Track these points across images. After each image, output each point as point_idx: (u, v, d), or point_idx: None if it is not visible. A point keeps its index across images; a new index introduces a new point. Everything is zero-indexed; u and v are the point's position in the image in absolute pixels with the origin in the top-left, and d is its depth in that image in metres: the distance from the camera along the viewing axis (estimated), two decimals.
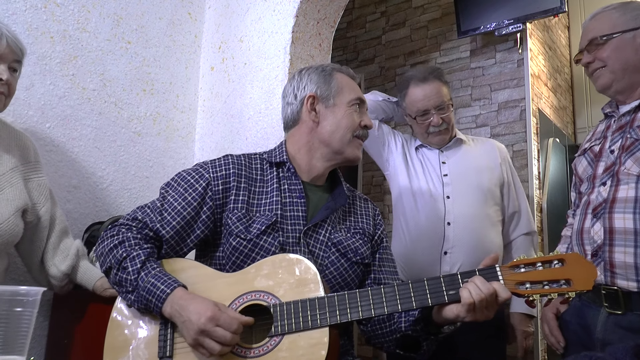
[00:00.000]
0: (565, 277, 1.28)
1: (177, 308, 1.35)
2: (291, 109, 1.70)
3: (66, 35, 2.41)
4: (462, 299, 1.30)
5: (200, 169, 1.60)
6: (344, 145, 1.64)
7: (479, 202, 2.37)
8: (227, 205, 1.56)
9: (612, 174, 1.69)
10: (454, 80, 4.13)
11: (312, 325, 1.34)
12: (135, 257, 1.43)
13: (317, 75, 1.69)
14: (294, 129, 1.70)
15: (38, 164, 1.99)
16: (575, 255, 1.31)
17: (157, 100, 2.83)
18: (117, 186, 2.59)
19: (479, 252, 2.30)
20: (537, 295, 1.29)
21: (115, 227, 1.52)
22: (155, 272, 1.41)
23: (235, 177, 1.58)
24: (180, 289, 1.38)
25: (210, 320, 1.30)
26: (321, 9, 2.77)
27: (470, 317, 1.31)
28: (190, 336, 1.33)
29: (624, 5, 1.78)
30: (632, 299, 1.58)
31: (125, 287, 1.43)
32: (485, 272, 1.34)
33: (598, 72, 1.78)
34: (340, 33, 4.71)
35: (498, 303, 1.30)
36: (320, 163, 1.66)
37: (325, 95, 1.66)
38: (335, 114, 1.64)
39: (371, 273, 1.69)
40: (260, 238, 1.52)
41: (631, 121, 1.72)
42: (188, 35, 3.04)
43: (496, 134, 3.82)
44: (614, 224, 1.63)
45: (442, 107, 2.38)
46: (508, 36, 3.84)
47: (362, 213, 1.75)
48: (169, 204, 1.54)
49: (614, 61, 1.73)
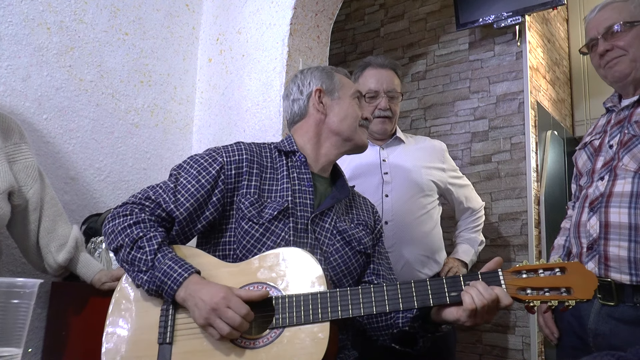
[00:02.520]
0: (566, 285, 1.30)
1: (190, 292, 1.36)
2: (298, 104, 1.76)
3: (63, 26, 2.40)
4: (464, 304, 1.31)
5: (213, 153, 1.62)
6: (353, 132, 1.71)
7: (418, 200, 2.41)
8: (239, 190, 1.58)
9: (610, 169, 1.70)
10: (453, 72, 4.11)
11: (313, 319, 1.35)
12: (152, 237, 1.44)
13: (319, 72, 1.77)
14: (301, 122, 1.75)
15: (24, 144, 1.95)
16: (577, 264, 1.32)
17: (155, 92, 2.83)
18: (115, 178, 2.59)
19: (419, 249, 2.37)
20: (537, 301, 1.31)
21: (127, 206, 1.52)
22: (172, 256, 1.42)
23: (248, 162, 1.61)
24: (195, 275, 1.40)
25: (223, 299, 1.32)
26: (320, 1, 2.77)
27: (471, 321, 1.33)
28: (201, 315, 1.33)
29: None
30: (625, 291, 1.60)
31: (138, 267, 1.43)
32: (488, 277, 1.35)
33: (617, 60, 1.75)
34: (339, 25, 4.69)
35: (499, 308, 1.32)
36: (330, 151, 1.73)
37: (330, 89, 1.74)
38: (341, 105, 1.73)
39: (371, 264, 1.73)
40: (272, 223, 1.55)
41: (629, 116, 1.72)
42: (186, 26, 3.03)
43: (494, 126, 3.82)
44: (610, 218, 1.65)
45: (393, 94, 2.42)
46: (507, 29, 3.82)
47: (362, 207, 1.81)
48: (182, 186, 1.55)
49: (637, 49, 1.72)
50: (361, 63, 2.53)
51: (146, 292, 1.44)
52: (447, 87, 4.12)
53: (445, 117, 4.09)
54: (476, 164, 3.86)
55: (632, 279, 1.58)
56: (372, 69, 2.45)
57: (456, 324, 1.38)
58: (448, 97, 4.11)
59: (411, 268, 2.33)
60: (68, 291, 2.17)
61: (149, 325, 1.43)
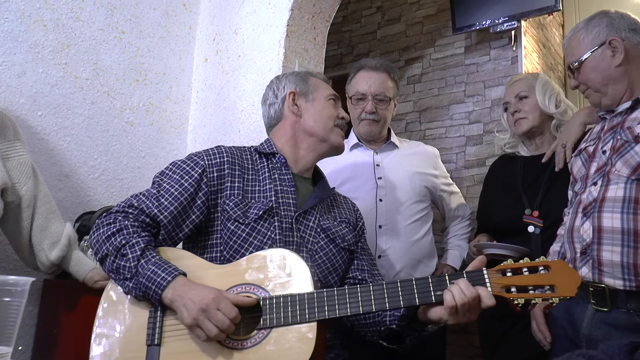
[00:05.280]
0: (550, 283, 1.32)
1: (179, 293, 1.37)
2: (273, 108, 1.80)
3: (59, 23, 2.40)
4: (445, 301, 1.33)
5: (194, 157, 1.64)
6: (327, 133, 1.75)
7: (411, 205, 2.42)
8: (222, 192, 1.60)
9: (603, 174, 1.72)
10: (448, 76, 4.13)
11: (300, 319, 1.36)
12: (134, 244, 1.44)
13: (293, 77, 1.83)
14: (278, 125, 1.79)
15: (18, 142, 1.95)
16: (560, 262, 1.35)
17: (151, 90, 2.83)
18: (109, 176, 2.59)
19: (411, 254, 2.38)
20: (522, 299, 1.32)
21: (110, 215, 1.53)
22: (156, 260, 1.42)
23: (229, 164, 1.63)
24: (181, 277, 1.40)
25: (213, 301, 1.33)
26: (317, 3, 2.77)
27: (453, 319, 1.34)
28: (190, 316, 1.34)
29: (587, 23, 1.83)
30: (618, 296, 1.61)
31: (123, 275, 1.43)
32: (473, 275, 1.36)
33: (586, 92, 1.85)
34: (336, 27, 4.69)
35: (481, 308, 1.33)
36: (307, 153, 1.76)
37: (304, 91, 1.79)
38: (315, 106, 1.77)
39: (355, 260, 1.76)
40: (258, 222, 1.57)
41: (622, 122, 1.74)
42: (182, 26, 3.03)
43: (489, 130, 3.83)
44: (603, 222, 1.65)
45: (382, 98, 2.42)
46: (503, 33, 3.83)
47: (344, 206, 1.85)
48: (165, 190, 1.56)
49: (594, 81, 1.80)
50: (356, 65, 2.54)
51: (134, 298, 1.45)
52: (442, 90, 4.13)
53: (440, 121, 4.10)
54: (470, 167, 3.87)
55: (625, 284, 1.59)
56: (365, 71, 2.46)
57: (440, 322, 1.40)
58: (443, 100, 4.12)
59: (404, 273, 2.34)
60: (60, 289, 2.17)
61: (137, 327, 1.43)
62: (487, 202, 2.54)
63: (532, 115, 2.35)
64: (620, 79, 1.76)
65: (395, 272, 2.32)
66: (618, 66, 1.75)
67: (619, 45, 1.75)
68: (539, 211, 2.24)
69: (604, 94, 1.79)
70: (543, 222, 2.21)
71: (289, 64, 2.67)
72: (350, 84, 2.49)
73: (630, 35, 1.77)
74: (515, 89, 2.44)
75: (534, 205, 2.26)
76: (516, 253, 2.13)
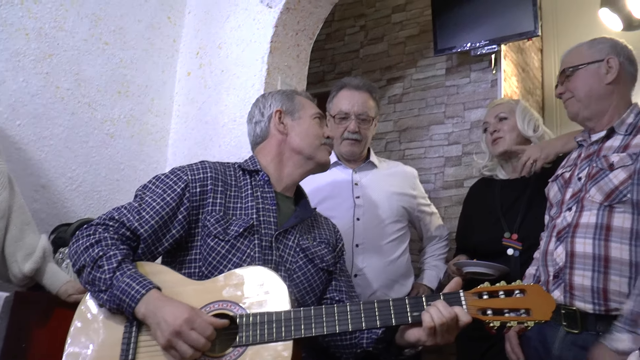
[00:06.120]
0: (525, 306, 1.34)
1: (152, 308, 1.35)
2: (259, 126, 1.81)
3: (42, 32, 2.38)
4: (423, 322, 1.33)
5: (178, 172, 1.63)
6: (314, 151, 1.76)
7: (388, 225, 2.44)
8: (204, 208, 1.60)
9: (577, 200, 1.77)
10: (429, 97, 4.16)
11: (276, 337, 1.36)
12: (111, 256, 1.43)
13: (279, 95, 1.84)
14: (263, 143, 1.80)
15: None
16: (536, 286, 1.37)
17: (132, 102, 2.81)
18: (87, 188, 2.56)
19: (388, 274, 2.39)
20: (497, 322, 1.33)
21: (91, 227, 1.52)
22: (131, 273, 1.41)
23: (213, 180, 1.63)
24: (155, 291, 1.39)
25: (186, 322, 1.32)
26: (301, 21, 2.79)
27: (431, 341, 1.35)
28: (164, 337, 1.33)
29: (594, 40, 1.91)
30: (588, 319, 1.66)
31: (98, 286, 1.42)
32: (449, 297, 1.38)
33: (568, 101, 1.89)
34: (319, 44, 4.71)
35: (459, 327, 1.33)
36: (294, 171, 1.76)
37: (290, 109, 1.80)
38: (302, 125, 1.78)
39: (333, 281, 1.76)
40: (238, 240, 1.57)
41: (598, 150, 1.80)
42: (166, 39, 3.03)
43: (467, 152, 3.86)
44: (575, 248, 1.70)
45: (364, 117, 2.43)
46: (483, 56, 3.88)
47: (324, 227, 1.85)
48: (147, 204, 1.55)
49: (580, 90, 1.85)
50: (338, 83, 2.55)
51: (109, 310, 1.44)
52: (422, 111, 4.17)
53: (420, 141, 4.12)
54: (448, 188, 3.89)
55: (595, 308, 1.63)
56: (347, 90, 2.47)
57: (418, 344, 1.40)
58: (423, 121, 4.15)
59: (380, 292, 2.34)
60: (32, 302, 2.12)
61: (112, 342, 1.42)
62: (467, 224, 2.57)
63: (510, 135, 2.40)
64: (606, 98, 1.82)
65: (371, 291, 2.33)
66: (608, 84, 1.81)
67: (614, 65, 1.81)
68: (518, 234, 2.28)
69: (586, 106, 1.84)
70: (522, 244, 2.25)
71: (272, 80, 2.68)
72: (333, 102, 2.50)
73: (626, 62, 1.84)
74: (496, 110, 2.50)
75: (512, 228, 2.30)
76: (496, 271, 2.16)
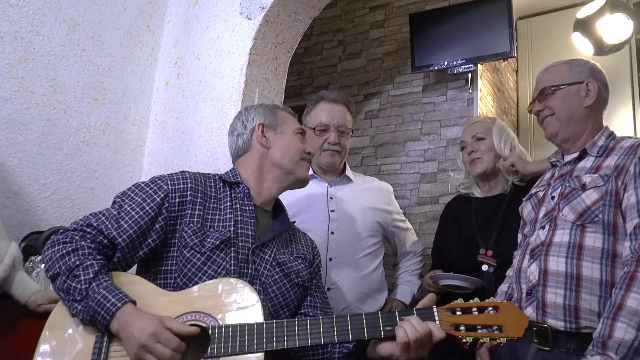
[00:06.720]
0: (498, 323, 1.35)
1: (123, 324, 1.35)
2: (242, 138, 1.81)
3: (18, 36, 2.36)
4: (397, 337, 1.34)
5: (158, 181, 1.63)
6: (294, 166, 1.77)
7: (363, 239, 2.45)
8: (182, 219, 1.59)
9: (550, 219, 1.79)
10: (405, 113, 4.20)
11: (248, 349, 1.35)
12: (88, 266, 1.42)
13: (262, 109, 1.85)
14: (245, 156, 1.80)
15: None
16: (509, 304, 1.39)
17: (109, 110, 2.79)
18: (60, 195, 2.52)
19: (361, 288, 2.40)
20: (470, 338, 1.35)
21: (67, 233, 1.50)
22: (107, 285, 1.40)
23: (192, 191, 1.62)
24: (130, 305, 1.38)
25: (151, 336, 1.31)
26: (280, 34, 2.80)
27: (405, 356, 1.35)
28: (132, 351, 1.33)
29: (572, 61, 1.95)
30: (560, 337, 1.67)
31: (72, 296, 1.41)
32: (423, 312, 1.39)
33: (547, 119, 1.92)
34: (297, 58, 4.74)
35: (432, 343, 1.34)
36: (273, 185, 1.77)
37: (273, 124, 1.81)
38: (284, 139, 1.79)
39: (308, 296, 1.76)
40: (214, 252, 1.56)
41: (571, 171, 1.84)
42: (145, 47, 3.02)
43: (443, 169, 3.90)
44: (549, 265, 1.72)
45: (343, 129, 2.46)
46: (460, 75, 3.94)
47: (302, 242, 1.86)
48: (125, 213, 1.54)
49: (560, 109, 1.88)
50: (315, 96, 2.56)
51: (81, 321, 1.42)
52: (399, 127, 4.20)
53: (396, 157, 4.16)
54: (424, 204, 3.93)
55: (566, 325, 1.65)
56: (325, 103, 2.49)
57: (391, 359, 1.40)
58: (399, 137, 4.19)
59: (353, 306, 2.34)
60: None
61: (83, 353, 1.40)
62: (442, 240, 2.59)
63: (487, 156, 2.43)
64: (583, 121, 1.86)
65: (344, 305, 2.32)
66: (586, 107, 1.85)
67: (593, 89, 1.86)
68: (493, 250, 2.31)
69: (564, 127, 1.88)
70: (497, 261, 2.27)
71: (250, 92, 2.68)
72: (311, 115, 2.51)
73: (602, 87, 1.89)
74: (473, 129, 2.53)
75: (488, 245, 2.32)
76: (472, 285, 2.18)
